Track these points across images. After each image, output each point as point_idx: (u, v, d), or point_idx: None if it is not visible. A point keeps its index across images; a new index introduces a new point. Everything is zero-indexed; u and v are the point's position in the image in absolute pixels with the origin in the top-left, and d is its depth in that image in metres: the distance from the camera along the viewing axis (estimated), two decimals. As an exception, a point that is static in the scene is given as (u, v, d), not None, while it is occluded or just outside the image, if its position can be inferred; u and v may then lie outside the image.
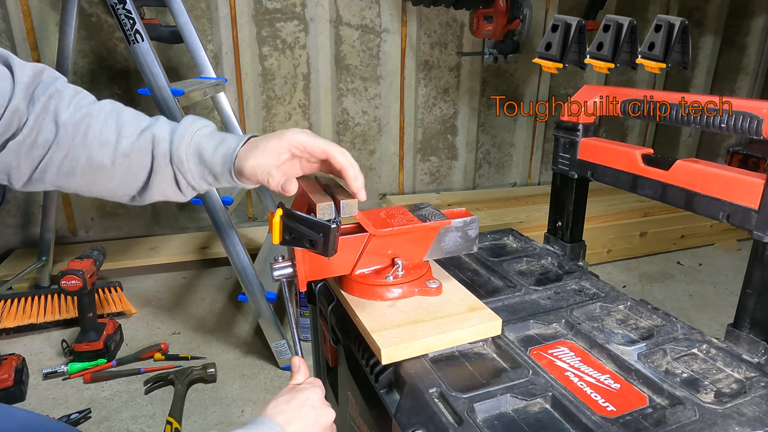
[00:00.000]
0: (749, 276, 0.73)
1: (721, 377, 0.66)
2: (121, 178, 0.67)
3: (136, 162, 0.66)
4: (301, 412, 0.61)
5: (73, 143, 0.64)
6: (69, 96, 0.65)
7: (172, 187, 0.69)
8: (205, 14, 2.17)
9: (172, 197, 0.71)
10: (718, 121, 0.76)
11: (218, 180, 0.69)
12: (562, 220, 1.08)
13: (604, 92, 0.97)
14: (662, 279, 2.20)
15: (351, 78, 2.44)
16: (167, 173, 0.68)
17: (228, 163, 0.67)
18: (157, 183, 0.68)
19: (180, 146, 0.67)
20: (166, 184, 0.69)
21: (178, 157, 0.67)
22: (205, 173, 0.69)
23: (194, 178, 0.69)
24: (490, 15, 2.29)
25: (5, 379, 1.38)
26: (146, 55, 1.39)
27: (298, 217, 0.63)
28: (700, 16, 2.93)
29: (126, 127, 0.66)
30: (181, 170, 0.67)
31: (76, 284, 1.50)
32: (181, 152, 0.67)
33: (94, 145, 0.64)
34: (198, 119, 0.71)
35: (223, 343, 1.69)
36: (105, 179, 0.66)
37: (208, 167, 0.68)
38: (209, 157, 0.67)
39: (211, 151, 0.67)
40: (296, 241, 0.64)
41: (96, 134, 0.64)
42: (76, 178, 0.65)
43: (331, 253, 0.63)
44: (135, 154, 0.66)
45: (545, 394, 0.61)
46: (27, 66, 0.62)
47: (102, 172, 0.66)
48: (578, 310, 0.81)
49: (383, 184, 2.67)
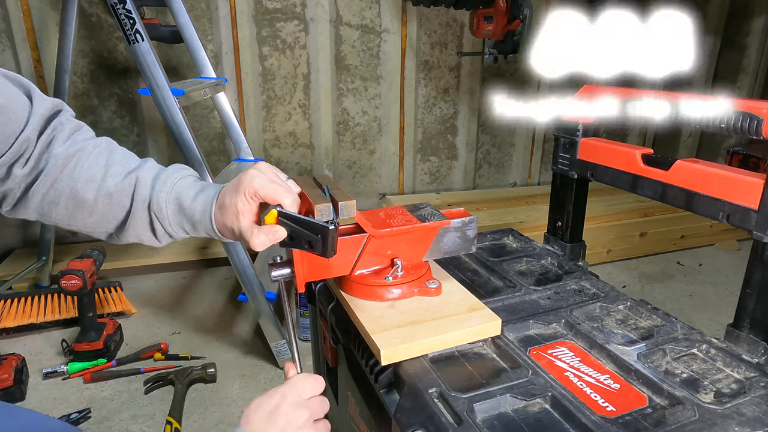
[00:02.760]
0: (749, 276, 0.73)
1: (720, 377, 0.66)
2: (101, 215, 0.67)
3: (117, 202, 0.67)
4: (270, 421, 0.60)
5: (61, 174, 0.65)
6: (69, 130, 0.67)
7: (147, 233, 0.69)
8: (205, 14, 2.17)
9: (147, 242, 0.71)
10: (718, 121, 0.76)
11: (197, 229, 0.69)
12: (562, 220, 1.08)
13: (604, 92, 0.97)
14: (662, 279, 2.20)
15: (351, 78, 2.44)
16: (144, 218, 0.68)
17: (207, 212, 0.67)
18: (133, 226, 0.68)
19: (161, 193, 0.67)
20: (142, 228, 0.69)
21: (157, 204, 0.67)
22: (183, 221, 0.69)
23: (171, 226, 0.68)
24: (490, 15, 2.29)
25: (5, 378, 1.38)
26: (146, 55, 1.39)
27: (296, 219, 0.62)
28: (700, 16, 2.93)
29: (114, 166, 0.67)
30: (159, 217, 0.68)
31: (76, 284, 1.50)
32: (161, 199, 0.67)
33: (81, 180, 0.65)
34: (183, 168, 0.71)
35: (223, 343, 1.69)
36: (86, 214, 0.67)
37: (186, 215, 0.68)
38: (188, 205, 0.67)
39: (190, 199, 0.67)
40: (295, 243, 0.64)
41: (84, 169, 0.65)
42: (59, 209, 0.66)
43: (330, 254, 0.63)
44: (117, 195, 0.67)
45: (545, 394, 0.61)
46: (47, 100, 0.66)
47: (84, 207, 0.66)
48: (578, 310, 0.81)
49: (383, 184, 2.67)
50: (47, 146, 0.65)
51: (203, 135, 2.30)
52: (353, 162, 2.58)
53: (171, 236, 0.70)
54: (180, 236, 0.71)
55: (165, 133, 2.22)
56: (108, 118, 2.16)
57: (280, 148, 2.45)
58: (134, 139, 2.23)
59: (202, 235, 0.70)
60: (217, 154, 2.35)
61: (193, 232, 0.70)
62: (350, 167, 2.59)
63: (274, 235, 0.63)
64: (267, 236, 0.63)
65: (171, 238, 0.71)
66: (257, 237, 0.62)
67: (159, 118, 2.12)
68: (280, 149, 2.44)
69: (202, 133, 2.30)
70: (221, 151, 2.35)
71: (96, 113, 2.14)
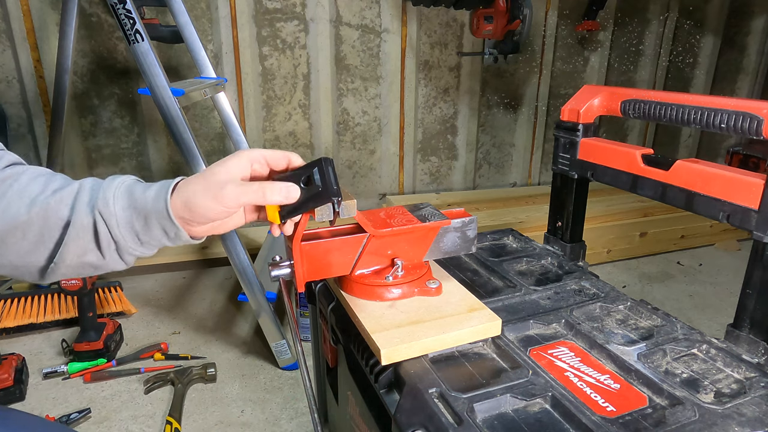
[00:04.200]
0: (749, 276, 0.73)
1: (720, 377, 0.66)
2: (35, 234, 0.57)
3: (54, 213, 0.57)
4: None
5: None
6: (6, 160, 0.61)
7: (91, 244, 0.59)
8: (205, 14, 2.17)
9: (89, 260, 0.60)
10: (718, 121, 0.76)
11: (149, 224, 0.59)
12: (562, 220, 1.08)
13: (604, 92, 0.97)
14: (662, 279, 2.20)
15: (351, 78, 2.44)
16: (86, 223, 0.58)
17: (162, 196, 0.59)
18: (73, 239, 0.58)
19: (108, 189, 0.59)
20: (83, 240, 0.58)
21: (103, 200, 0.58)
22: (133, 217, 0.59)
23: (119, 226, 0.58)
24: (490, 15, 2.29)
25: (5, 378, 1.38)
26: (146, 55, 1.38)
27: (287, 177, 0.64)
28: (700, 16, 2.93)
29: (53, 183, 0.60)
30: (104, 215, 0.58)
31: (76, 284, 1.50)
32: (108, 194, 0.59)
33: (14, 198, 0.57)
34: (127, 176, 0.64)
35: (223, 343, 1.69)
36: (18, 236, 0.57)
37: (138, 207, 0.59)
38: (140, 195, 0.59)
39: (141, 190, 0.60)
40: (295, 209, 0.63)
41: (20, 188, 0.58)
42: None
43: (335, 194, 0.61)
44: (55, 205, 0.57)
45: (545, 394, 0.61)
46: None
47: (16, 229, 0.57)
48: (578, 311, 0.81)
49: (383, 184, 2.67)
50: None
51: (203, 135, 2.30)
52: (353, 162, 2.58)
53: (117, 244, 0.60)
54: (129, 244, 0.60)
55: (165, 133, 2.22)
56: (108, 118, 2.16)
57: (281, 148, 2.44)
58: (134, 139, 2.23)
59: (155, 235, 0.60)
60: (217, 154, 2.35)
61: (145, 231, 0.60)
62: (350, 167, 2.59)
63: (287, 190, 0.61)
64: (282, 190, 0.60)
65: (116, 252, 0.60)
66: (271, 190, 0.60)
67: (159, 118, 2.12)
68: (281, 149, 2.44)
69: (202, 133, 2.30)
70: (221, 151, 2.35)
71: (96, 113, 2.14)
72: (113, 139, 2.20)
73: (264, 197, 0.60)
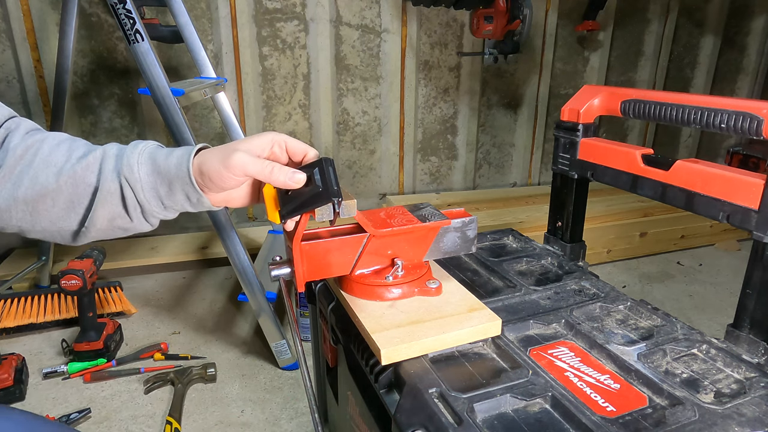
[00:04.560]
0: (749, 276, 0.73)
1: (720, 377, 0.66)
2: (65, 201, 0.61)
3: (82, 180, 0.61)
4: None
5: (18, 166, 0.61)
6: (24, 128, 0.64)
7: (119, 208, 0.62)
8: (205, 14, 2.17)
9: (118, 223, 0.64)
10: (718, 121, 0.76)
11: (173, 190, 0.62)
12: (562, 220, 1.08)
13: (604, 92, 0.97)
14: (662, 279, 2.20)
15: (351, 78, 2.44)
16: (113, 189, 0.61)
17: (185, 163, 0.61)
18: (102, 204, 0.61)
19: (132, 155, 0.62)
20: (112, 204, 0.62)
21: (128, 166, 0.61)
22: (157, 182, 0.62)
23: (144, 191, 0.62)
24: (490, 15, 2.29)
25: (5, 378, 1.38)
26: (146, 55, 1.39)
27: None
28: (700, 16, 2.93)
29: (77, 150, 0.63)
30: (131, 181, 0.61)
31: (76, 284, 1.50)
32: (132, 161, 0.62)
33: (41, 167, 0.60)
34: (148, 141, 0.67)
35: (223, 343, 1.69)
36: (49, 204, 0.61)
37: (161, 173, 0.62)
38: (162, 161, 0.62)
39: (164, 156, 0.62)
40: (295, 209, 0.63)
41: (44, 156, 0.61)
42: (18, 205, 0.60)
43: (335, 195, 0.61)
44: (82, 172, 0.61)
45: (545, 394, 0.61)
46: (3, 108, 0.64)
47: (46, 196, 0.60)
48: (578, 311, 0.81)
49: (383, 184, 2.67)
50: (1, 144, 0.62)
51: (203, 135, 2.30)
52: (353, 162, 2.58)
53: (143, 208, 0.63)
54: (153, 208, 0.63)
55: (165, 133, 2.22)
56: (108, 118, 2.16)
57: (280, 148, 2.44)
58: (134, 139, 2.21)
59: (178, 200, 0.63)
60: (217, 154, 2.34)
61: (168, 196, 0.63)
62: (350, 167, 2.59)
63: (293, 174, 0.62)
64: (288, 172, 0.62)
65: (143, 217, 0.64)
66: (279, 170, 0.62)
67: (159, 118, 2.12)
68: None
69: (202, 133, 2.30)
70: (221, 151, 2.35)
71: (96, 113, 2.14)
72: (113, 139, 2.20)
73: (270, 174, 0.62)
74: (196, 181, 0.62)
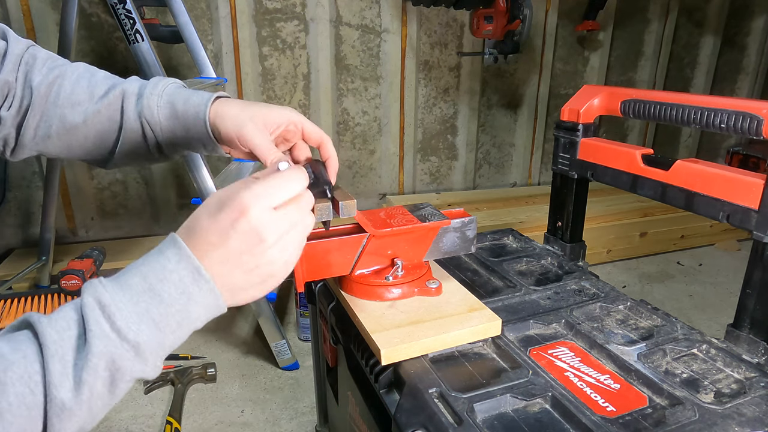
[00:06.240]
0: (749, 276, 0.73)
1: (720, 377, 0.66)
2: (95, 136, 0.66)
3: (108, 117, 0.65)
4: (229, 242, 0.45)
5: (45, 105, 0.64)
6: (41, 59, 0.66)
7: (142, 145, 0.67)
8: (205, 14, 2.17)
9: (144, 156, 0.69)
10: (718, 121, 0.76)
11: (189, 134, 0.66)
12: (562, 220, 1.08)
13: (604, 92, 0.97)
14: (662, 279, 2.20)
15: (351, 78, 2.44)
16: (135, 128, 0.65)
17: (202, 112, 0.64)
18: (127, 139, 0.66)
19: (151, 97, 0.65)
20: (135, 142, 0.67)
21: (148, 109, 0.65)
22: (175, 126, 0.66)
23: (162, 132, 0.66)
24: (491, 15, 2.29)
25: (5, 379, 1.38)
26: (146, 55, 1.39)
27: None
28: (700, 16, 2.93)
29: (98, 87, 0.66)
30: (150, 123, 0.65)
31: (76, 284, 1.50)
32: (152, 103, 0.65)
33: (66, 106, 0.64)
34: (168, 78, 0.70)
35: (223, 343, 1.69)
36: (81, 140, 0.66)
37: (179, 118, 0.65)
38: (181, 107, 0.65)
39: (183, 101, 0.65)
40: None
41: (67, 94, 0.65)
42: (53, 140, 0.66)
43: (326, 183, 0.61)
44: (105, 110, 0.65)
45: (545, 394, 0.61)
46: (21, 41, 0.66)
47: (76, 133, 0.65)
48: (578, 311, 0.81)
49: (383, 184, 2.67)
50: (25, 81, 0.64)
51: (203, 135, 2.30)
52: (353, 162, 2.58)
53: (161, 147, 0.68)
54: (171, 147, 0.68)
55: (165, 133, 2.22)
56: (108, 118, 2.16)
57: (280, 148, 2.44)
58: (134, 139, 2.22)
59: (194, 146, 0.67)
60: (217, 154, 2.34)
61: (186, 140, 0.67)
62: (350, 167, 2.59)
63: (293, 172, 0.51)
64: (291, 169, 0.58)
65: (162, 153, 0.69)
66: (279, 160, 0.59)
67: (159, 118, 2.12)
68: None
69: (202, 133, 2.30)
70: (221, 151, 2.35)
71: (96, 113, 2.14)
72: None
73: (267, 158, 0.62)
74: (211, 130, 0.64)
